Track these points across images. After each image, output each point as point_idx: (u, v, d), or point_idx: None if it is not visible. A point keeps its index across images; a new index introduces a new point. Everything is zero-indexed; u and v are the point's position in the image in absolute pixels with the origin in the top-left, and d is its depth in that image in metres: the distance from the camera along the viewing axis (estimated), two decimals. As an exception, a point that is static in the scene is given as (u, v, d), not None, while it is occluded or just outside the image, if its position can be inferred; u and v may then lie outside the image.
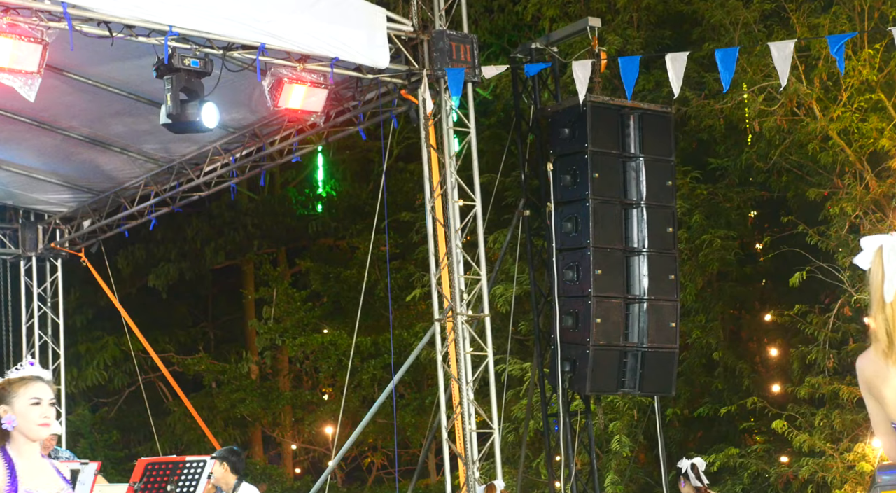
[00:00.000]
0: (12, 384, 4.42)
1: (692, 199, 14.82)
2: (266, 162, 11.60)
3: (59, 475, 4.43)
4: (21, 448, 4.35)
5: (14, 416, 4.36)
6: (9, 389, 4.41)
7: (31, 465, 4.35)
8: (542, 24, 15.27)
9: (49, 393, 4.41)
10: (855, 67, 12.51)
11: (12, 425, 4.35)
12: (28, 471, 4.31)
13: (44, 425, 4.37)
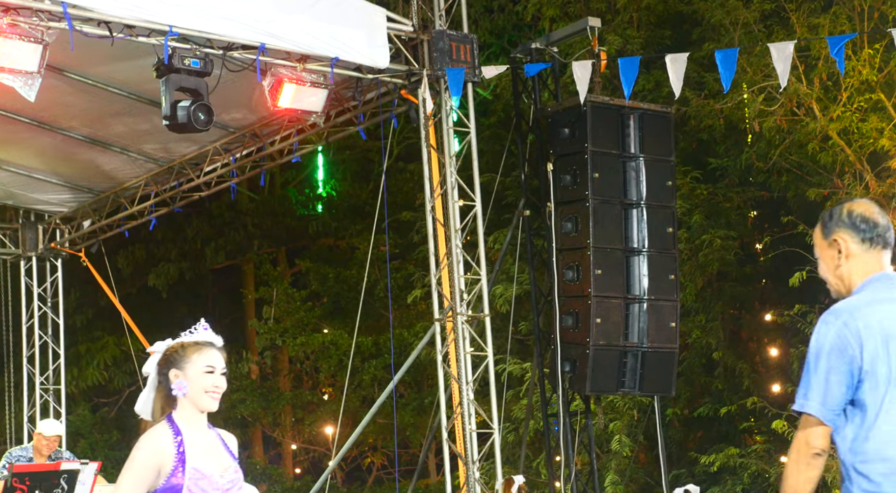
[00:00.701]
0: (186, 349, 4.17)
1: (692, 199, 14.82)
2: (266, 162, 11.60)
3: (227, 450, 4.23)
4: (189, 418, 4.10)
5: (186, 382, 4.10)
6: (182, 353, 4.16)
7: (200, 437, 4.10)
8: (542, 24, 15.28)
9: (222, 362, 4.16)
10: (855, 67, 12.51)
11: (183, 392, 4.08)
12: (196, 444, 4.06)
13: (214, 395, 4.12)
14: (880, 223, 3.76)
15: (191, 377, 4.10)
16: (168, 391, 4.10)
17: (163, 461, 3.94)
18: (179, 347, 4.18)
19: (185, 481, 3.94)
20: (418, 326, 17.86)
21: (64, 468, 7.80)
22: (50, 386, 13.94)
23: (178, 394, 4.07)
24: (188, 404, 4.10)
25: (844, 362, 3.57)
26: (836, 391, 3.56)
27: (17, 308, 14.17)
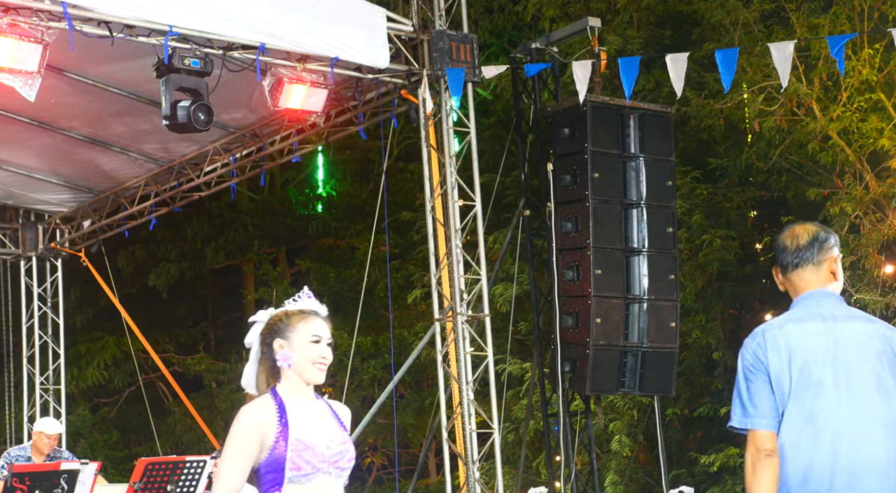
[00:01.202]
0: (291, 317, 3.93)
1: (692, 199, 14.82)
2: (266, 162, 11.61)
3: (338, 422, 4.01)
4: (294, 391, 3.90)
5: (292, 353, 3.88)
6: (287, 322, 3.91)
7: (305, 408, 3.91)
8: (542, 24, 15.28)
9: (328, 332, 3.95)
10: (855, 67, 12.51)
11: (289, 362, 3.88)
12: (300, 415, 3.86)
13: (321, 366, 3.95)
14: (799, 244, 4.00)
15: (296, 348, 3.89)
16: (272, 363, 3.89)
17: (265, 433, 3.77)
18: (284, 315, 3.94)
19: (288, 452, 3.76)
20: (418, 326, 17.86)
21: (64, 468, 7.80)
22: (50, 386, 13.94)
23: (283, 365, 3.88)
24: (293, 375, 3.91)
25: (762, 376, 3.89)
26: (764, 401, 3.87)
27: (17, 308, 14.17)
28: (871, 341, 3.85)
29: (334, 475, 3.83)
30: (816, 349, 3.86)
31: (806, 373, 3.84)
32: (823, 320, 3.91)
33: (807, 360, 3.86)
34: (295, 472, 3.75)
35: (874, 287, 12.81)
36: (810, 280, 3.99)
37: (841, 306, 3.96)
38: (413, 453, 20.26)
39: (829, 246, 3.98)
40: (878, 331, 3.86)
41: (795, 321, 3.95)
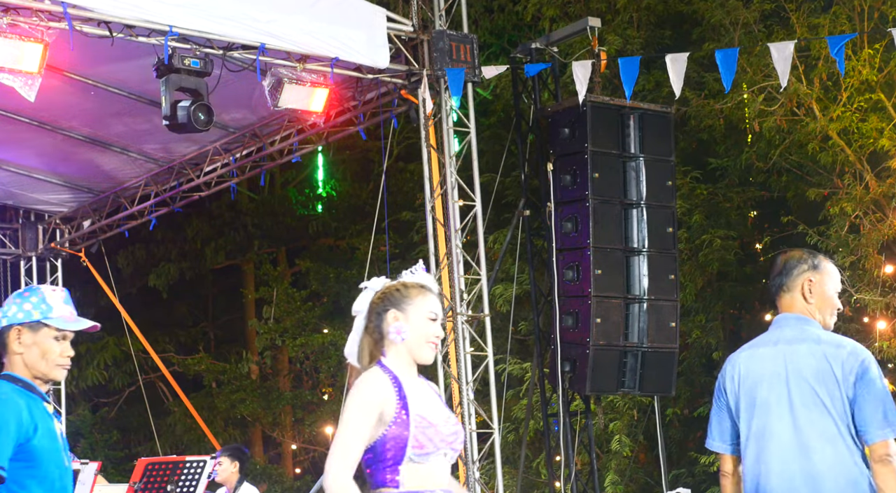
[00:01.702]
0: (409, 289, 3.73)
1: (692, 199, 14.82)
2: (266, 162, 11.60)
3: (440, 398, 3.78)
4: (402, 366, 3.63)
5: (407, 327, 3.64)
6: (405, 293, 3.71)
7: (417, 385, 3.64)
8: (542, 24, 15.28)
9: (441, 313, 3.73)
10: (855, 67, 12.51)
11: (402, 337, 3.62)
12: (415, 391, 3.61)
13: (433, 346, 3.66)
14: (776, 271, 4.32)
15: (413, 323, 3.65)
16: (380, 334, 3.64)
17: (384, 407, 3.53)
18: (402, 286, 3.73)
19: (412, 429, 3.54)
20: (418, 326, 17.82)
21: (64, 468, 7.79)
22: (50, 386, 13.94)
23: (396, 339, 3.62)
24: (403, 351, 3.64)
25: (723, 403, 4.36)
26: (723, 425, 4.39)
27: (17, 308, 14.15)
28: (812, 361, 4.14)
29: (448, 457, 3.64)
30: (763, 373, 4.22)
31: (752, 395, 4.23)
32: (774, 345, 4.25)
33: (754, 383, 4.23)
34: (417, 450, 3.55)
35: (874, 287, 12.82)
36: (785, 304, 4.32)
37: (798, 328, 4.25)
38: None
39: (801, 271, 4.27)
40: (822, 351, 4.14)
41: (751, 347, 4.33)
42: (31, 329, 3.82)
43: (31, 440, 3.72)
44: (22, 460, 3.69)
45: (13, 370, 3.85)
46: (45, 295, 3.87)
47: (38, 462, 3.73)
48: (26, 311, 3.83)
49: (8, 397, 3.73)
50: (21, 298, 3.87)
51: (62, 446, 3.90)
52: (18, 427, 3.68)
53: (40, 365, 3.84)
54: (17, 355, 3.82)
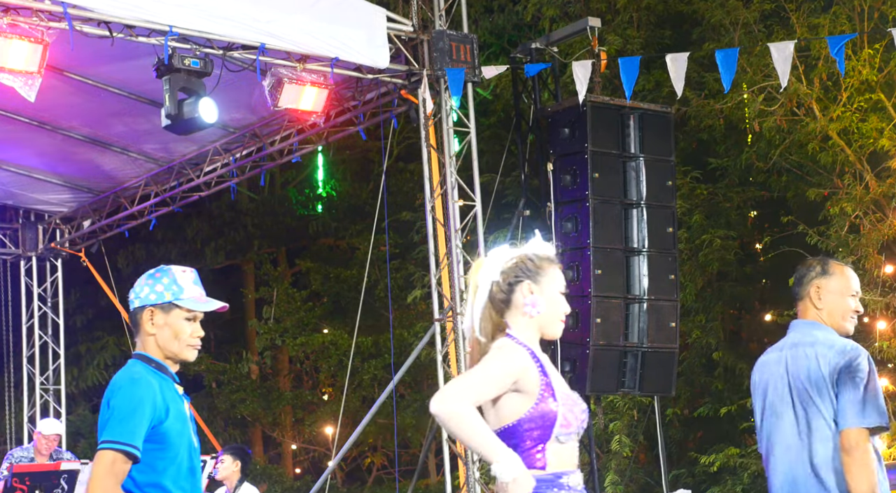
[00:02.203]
0: (542, 261, 3.47)
1: (692, 199, 14.82)
2: (266, 162, 11.61)
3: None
4: (532, 342, 3.44)
5: (542, 300, 3.43)
6: (539, 265, 3.46)
7: (546, 359, 3.47)
8: (542, 24, 15.28)
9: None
10: (855, 67, 12.51)
11: (538, 310, 3.42)
12: (549, 366, 3.45)
13: (562, 324, 3.50)
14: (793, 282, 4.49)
15: (548, 296, 3.43)
16: (507, 306, 3.43)
17: (522, 377, 3.35)
18: (535, 257, 3.46)
19: (560, 407, 3.40)
20: (418, 326, 17.86)
21: (64, 468, 7.80)
22: (50, 386, 13.94)
23: (532, 312, 3.41)
24: (533, 325, 3.43)
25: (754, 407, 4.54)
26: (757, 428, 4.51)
27: (17, 308, 14.17)
28: (806, 363, 4.28)
29: (576, 439, 3.51)
30: (770, 377, 4.40)
31: (763, 399, 4.44)
32: (780, 350, 4.41)
33: (764, 387, 4.44)
34: (564, 429, 3.41)
35: (874, 287, 12.81)
36: (800, 311, 4.46)
37: (804, 332, 4.39)
38: (413, 453, 20.26)
39: (810, 278, 4.41)
40: (815, 353, 4.30)
41: (766, 353, 4.52)
42: (162, 310, 3.92)
43: (164, 423, 3.75)
44: (154, 441, 3.72)
45: (146, 351, 3.90)
46: (175, 276, 4.02)
47: (169, 444, 3.76)
48: (158, 292, 3.97)
49: (143, 377, 3.77)
50: (152, 279, 4.01)
51: (192, 428, 3.92)
52: (153, 409, 3.71)
53: (172, 345, 3.88)
54: (150, 336, 3.88)
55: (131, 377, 3.76)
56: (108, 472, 3.61)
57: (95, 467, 3.64)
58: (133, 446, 3.63)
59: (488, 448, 3.28)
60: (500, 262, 3.49)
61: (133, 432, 3.64)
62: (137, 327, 3.92)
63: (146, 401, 3.70)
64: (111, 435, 3.64)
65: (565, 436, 3.41)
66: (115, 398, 3.71)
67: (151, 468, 3.72)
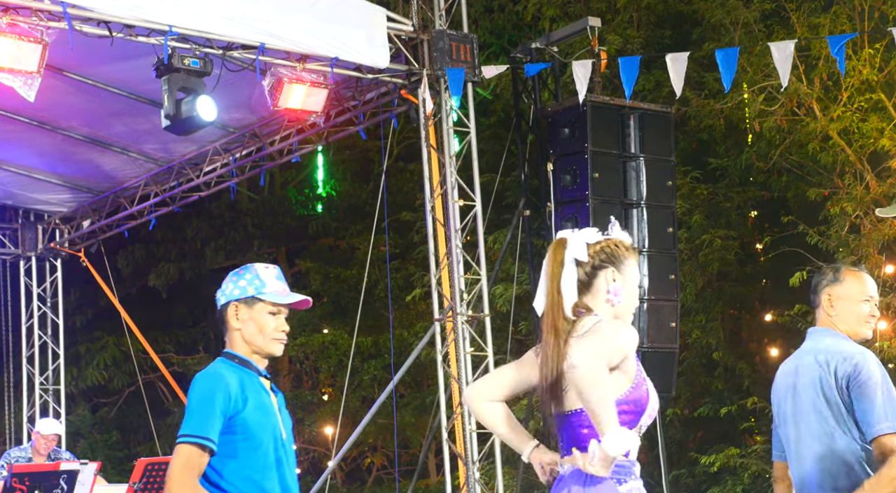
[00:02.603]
0: (626, 250, 3.43)
1: (692, 199, 14.81)
2: (266, 162, 11.60)
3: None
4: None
5: (623, 290, 3.39)
6: (623, 253, 3.42)
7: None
8: (542, 24, 15.27)
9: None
10: (855, 67, 12.51)
11: (619, 299, 3.38)
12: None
13: (633, 317, 3.47)
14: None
15: (629, 288, 3.40)
16: (584, 290, 3.41)
17: (629, 359, 3.30)
18: (620, 244, 3.42)
19: (651, 396, 3.39)
20: (418, 326, 17.85)
21: (64, 468, 7.80)
22: (50, 386, 13.94)
23: (614, 300, 3.38)
24: (611, 313, 3.39)
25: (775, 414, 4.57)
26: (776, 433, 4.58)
27: (16, 308, 14.16)
28: (814, 370, 4.31)
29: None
30: (784, 385, 4.47)
31: (778, 406, 4.51)
32: (794, 357, 4.49)
33: (780, 395, 4.49)
34: (648, 419, 3.40)
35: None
36: (816, 319, 4.52)
37: (816, 339, 4.44)
38: (413, 453, 20.25)
39: (823, 286, 4.44)
40: (823, 359, 4.30)
41: (784, 363, 4.59)
42: (246, 305, 4.01)
43: (241, 413, 3.83)
44: (234, 432, 3.82)
45: (233, 347, 4.01)
46: (258, 272, 4.10)
47: (250, 434, 3.85)
48: (241, 287, 4.06)
49: (216, 373, 3.88)
50: (237, 276, 4.13)
51: (280, 419, 4.00)
52: (226, 402, 3.80)
53: (258, 340, 3.97)
54: (237, 331, 3.99)
55: (205, 373, 3.90)
56: (185, 465, 3.72)
57: (173, 461, 3.77)
58: (206, 438, 3.75)
59: (609, 416, 3.14)
60: (586, 243, 3.44)
61: (206, 425, 3.75)
62: (224, 324, 4.04)
63: (217, 394, 3.80)
64: (185, 429, 3.77)
65: (646, 426, 3.40)
66: (190, 395, 3.84)
67: (234, 459, 3.83)
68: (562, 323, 3.43)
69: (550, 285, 3.49)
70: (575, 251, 3.43)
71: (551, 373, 3.39)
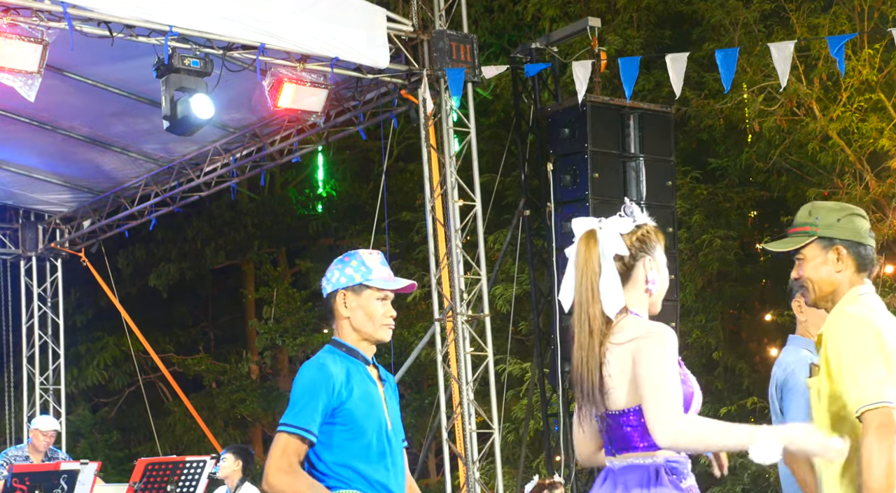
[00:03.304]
0: (657, 233, 3.46)
1: (692, 199, 14.82)
2: (266, 162, 11.60)
3: None
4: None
5: (658, 277, 3.37)
6: (654, 239, 3.44)
7: None
8: (542, 24, 15.28)
9: None
10: (855, 67, 12.51)
11: (656, 287, 3.37)
12: None
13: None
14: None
15: (662, 273, 3.38)
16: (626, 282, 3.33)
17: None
18: (651, 230, 3.42)
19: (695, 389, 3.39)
20: (418, 326, 17.85)
21: (64, 468, 7.80)
22: (50, 386, 13.94)
23: (652, 290, 3.35)
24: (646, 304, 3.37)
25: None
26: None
27: (17, 308, 14.16)
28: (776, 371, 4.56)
29: None
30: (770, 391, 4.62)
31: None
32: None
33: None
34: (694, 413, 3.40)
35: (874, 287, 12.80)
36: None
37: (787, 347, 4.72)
38: (413, 453, 20.24)
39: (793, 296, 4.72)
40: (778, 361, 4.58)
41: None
42: (354, 292, 3.94)
43: (345, 404, 3.84)
44: (337, 423, 3.84)
45: (341, 336, 4.03)
46: (363, 258, 3.98)
47: (355, 425, 3.86)
48: (348, 275, 3.96)
49: (323, 364, 3.92)
50: (342, 263, 4.00)
51: (387, 410, 4.04)
52: (330, 392, 3.82)
53: (367, 327, 3.95)
54: (345, 319, 3.98)
55: (312, 363, 3.94)
56: (283, 453, 3.76)
57: (273, 447, 3.80)
58: (305, 429, 3.77)
59: (741, 437, 3.16)
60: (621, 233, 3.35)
61: (305, 416, 3.78)
62: (332, 313, 4.02)
63: (321, 385, 3.83)
64: (287, 419, 3.80)
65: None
66: (296, 384, 3.87)
67: (338, 448, 3.85)
68: (598, 324, 3.31)
69: (582, 280, 3.34)
70: (612, 246, 3.33)
71: (590, 376, 3.28)
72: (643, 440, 3.21)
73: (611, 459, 3.30)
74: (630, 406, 3.22)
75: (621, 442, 3.26)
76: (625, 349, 3.26)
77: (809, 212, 3.53)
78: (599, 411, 3.28)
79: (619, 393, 3.24)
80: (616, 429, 3.26)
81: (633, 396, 3.22)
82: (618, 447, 3.27)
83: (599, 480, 3.29)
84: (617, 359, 3.25)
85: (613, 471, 3.27)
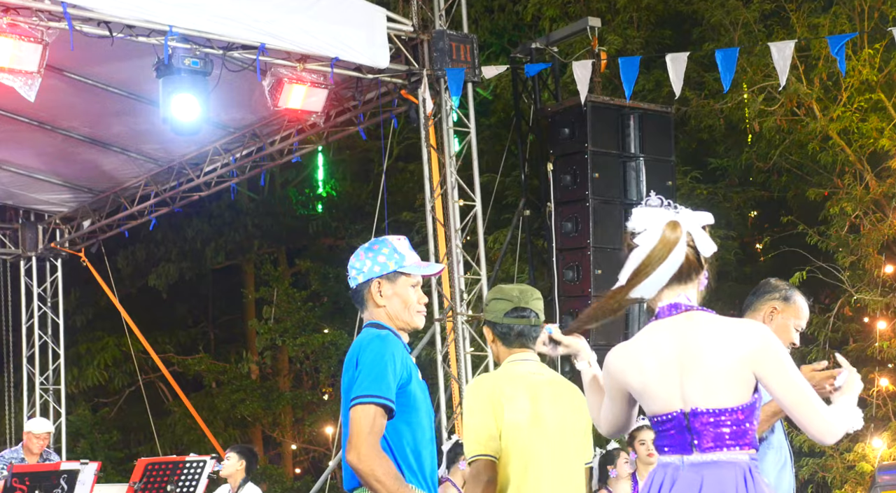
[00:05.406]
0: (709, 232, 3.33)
1: (692, 199, 14.81)
2: (266, 162, 11.60)
3: None
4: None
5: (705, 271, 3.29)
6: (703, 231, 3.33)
7: None
8: (542, 24, 15.28)
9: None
10: (855, 67, 12.52)
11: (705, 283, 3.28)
12: None
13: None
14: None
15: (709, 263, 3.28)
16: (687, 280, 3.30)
17: None
18: (707, 227, 3.32)
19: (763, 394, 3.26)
20: (418, 326, 17.83)
21: (64, 468, 7.80)
22: (50, 386, 13.94)
23: (708, 287, 3.31)
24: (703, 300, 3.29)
25: None
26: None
27: (17, 308, 14.16)
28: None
29: None
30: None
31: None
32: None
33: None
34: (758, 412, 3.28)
35: (874, 287, 12.82)
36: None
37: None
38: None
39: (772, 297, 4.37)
40: None
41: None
42: (388, 280, 3.78)
43: (408, 385, 3.65)
44: (399, 404, 3.62)
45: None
46: (395, 245, 3.84)
47: (413, 409, 3.68)
48: (381, 263, 3.79)
49: (388, 335, 3.70)
50: (372, 252, 3.83)
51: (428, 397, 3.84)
52: (401, 367, 3.63)
53: (404, 315, 3.79)
54: (380, 308, 3.79)
55: (377, 335, 3.68)
56: (371, 428, 3.51)
57: (357, 423, 3.53)
58: (389, 399, 3.54)
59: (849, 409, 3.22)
60: (693, 230, 3.28)
61: (386, 386, 3.55)
62: (364, 302, 3.81)
63: (395, 357, 3.61)
64: (367, 390, 3.54)
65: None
66: (364, 355, 3.62)
67: (393, 430, 3.63)
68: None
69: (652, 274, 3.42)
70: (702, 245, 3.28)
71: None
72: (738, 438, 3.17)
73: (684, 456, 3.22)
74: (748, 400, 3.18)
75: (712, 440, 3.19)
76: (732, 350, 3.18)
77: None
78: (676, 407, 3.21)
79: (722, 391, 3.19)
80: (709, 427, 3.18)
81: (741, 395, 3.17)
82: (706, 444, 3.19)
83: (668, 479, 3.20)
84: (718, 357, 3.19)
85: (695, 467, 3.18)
